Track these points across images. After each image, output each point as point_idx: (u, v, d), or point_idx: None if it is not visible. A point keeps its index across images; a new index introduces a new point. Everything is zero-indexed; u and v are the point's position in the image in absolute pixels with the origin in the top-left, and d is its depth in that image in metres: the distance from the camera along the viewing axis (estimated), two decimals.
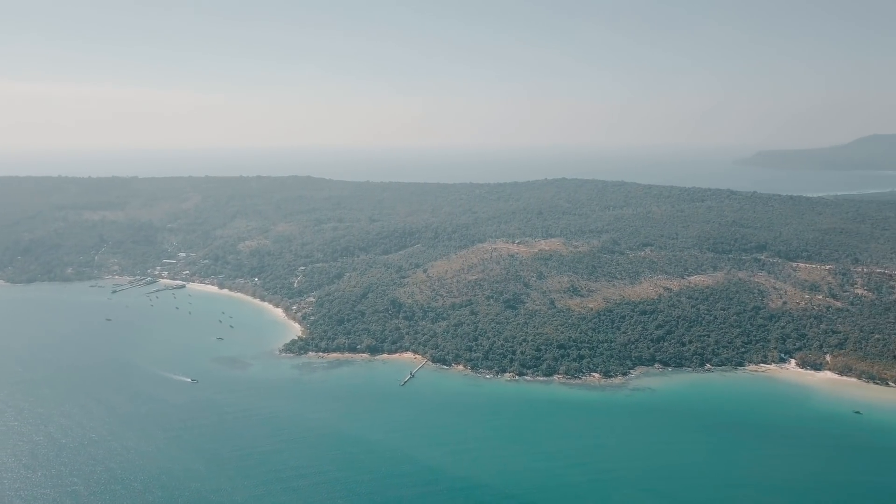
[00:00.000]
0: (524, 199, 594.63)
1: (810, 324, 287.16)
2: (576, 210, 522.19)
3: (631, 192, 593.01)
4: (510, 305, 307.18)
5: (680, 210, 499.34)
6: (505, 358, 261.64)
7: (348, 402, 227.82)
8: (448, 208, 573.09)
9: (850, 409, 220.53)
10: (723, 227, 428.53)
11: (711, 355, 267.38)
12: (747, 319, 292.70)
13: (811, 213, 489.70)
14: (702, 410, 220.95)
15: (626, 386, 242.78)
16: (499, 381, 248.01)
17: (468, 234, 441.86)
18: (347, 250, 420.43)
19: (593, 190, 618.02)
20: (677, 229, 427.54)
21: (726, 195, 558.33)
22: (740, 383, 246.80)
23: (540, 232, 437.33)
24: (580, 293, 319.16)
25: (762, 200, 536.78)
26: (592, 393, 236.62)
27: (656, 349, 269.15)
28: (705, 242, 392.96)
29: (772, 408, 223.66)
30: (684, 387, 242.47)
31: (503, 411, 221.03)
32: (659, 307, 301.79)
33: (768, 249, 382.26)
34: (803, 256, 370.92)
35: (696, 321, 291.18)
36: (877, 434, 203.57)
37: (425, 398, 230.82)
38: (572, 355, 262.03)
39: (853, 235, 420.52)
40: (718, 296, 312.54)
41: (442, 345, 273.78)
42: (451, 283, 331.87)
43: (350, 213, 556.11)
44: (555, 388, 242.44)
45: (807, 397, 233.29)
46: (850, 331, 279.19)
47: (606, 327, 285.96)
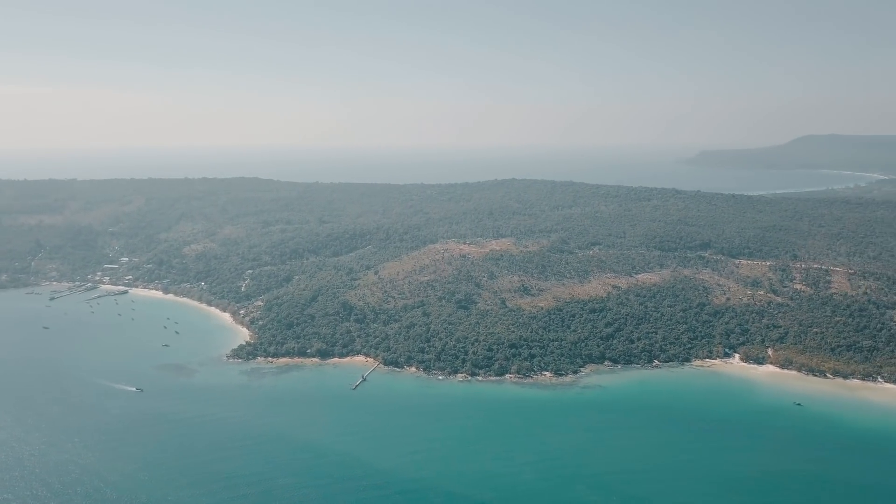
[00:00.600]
0: (475, 200, 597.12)
1: (753, 319, 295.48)
2: (526, 210, 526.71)
3: (579, 192, 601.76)
4: (462, 306, 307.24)
5: (627, 209, 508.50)
6: (457, 359, 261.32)
7: (298, 407, 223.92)
8: (399, 209, 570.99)
9: (792, 401, 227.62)
10: (668, 226, 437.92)
11: (659, 352, 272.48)
12: (693, 316, 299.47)
13: (752, 212, 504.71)
14: (651, 406, 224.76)
15: (577, 384, 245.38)
16: (451, 383, 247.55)
17: (420, 234, 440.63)
18: (296, 253, 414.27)
19: (543, 190, 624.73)
20: (625, 228, 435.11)
21: (671, 194, 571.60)
22: (687, 379, 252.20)
23: (491, 232, 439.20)
24: (531, 292, 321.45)
25: (706, 199, 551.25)
26: (544, 392, 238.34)
27: (606, 347, 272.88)
28: (652, 241, 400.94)
29: (718, 402, 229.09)
30: (633, 384, 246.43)
31: (456, 413, 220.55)
32: (608, 305, 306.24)
33: (712, 247, 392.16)
34: (745, 253, 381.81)
35: (645, 318, 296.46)
36: (816, 425, 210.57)
37: (377, 401, 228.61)
38: (524, 354, 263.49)
39: (791, 232, 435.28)
40: (665, 293, 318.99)
41: (394, 347, 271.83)
42: (402, 285, 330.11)
43: (299, 214, 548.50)
44: (507, 387, 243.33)
45: (750, 391, 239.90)
46: (790, 325, 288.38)
47: (557, 326, 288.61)
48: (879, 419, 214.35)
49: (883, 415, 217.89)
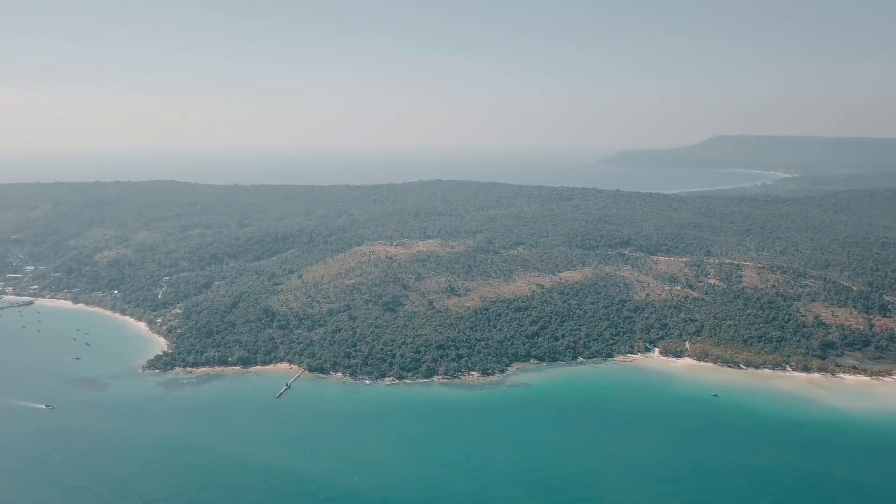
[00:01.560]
0: (401, 201, 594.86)
1: (671, 313, 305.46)
2: (451, 211, 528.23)
3: (503, 192, 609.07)
4: (389, 308, 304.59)
5: (549, 209, 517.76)
6: (384, 362, 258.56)
7: (219, 418, 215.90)
8: (323, 211, 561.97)
9: (709, 392, 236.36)
10: (589, 225, 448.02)
11: (583, 348, 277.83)
12: (615, 312, 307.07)
13: (668, 210, 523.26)
14: (576, 402, 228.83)
15: (504, 383, 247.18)
16: (378, 387, 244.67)
17: (344, 237, 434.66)
18: (216, 258, 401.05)
19: (468, 191, 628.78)
20: (548, 227, 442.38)
21: (592, 193, 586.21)
22: (610, 374, 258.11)
23: (417, 233, 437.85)
24: (458, 293, 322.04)
25: (625, 198, 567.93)
26: (471, 392, 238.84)
27: (531, 345, 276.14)
28: (574, 239, 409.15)
29: (640, 395, 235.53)
30: (559, 380, 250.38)
31: (383, 417, 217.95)
32: (532, 304, 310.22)
33: (631, 244, 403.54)
34: (662, 250, 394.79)
35: (568, 316, 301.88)
36: (732, 414, 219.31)
37: (302, 409, 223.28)
38: (451, 355, 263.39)
39: (705, 229, 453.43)
40: (588, 290, 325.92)
41: (319, 353, 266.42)
42: (327, 289, 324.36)
43: (218, 218, 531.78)
44: (435, 389, 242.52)
45: (669, 383, 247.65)
46: (706, 319, 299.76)
47: (483, 325, 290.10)
48: (788, 406, 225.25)
49: (792, 401, 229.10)
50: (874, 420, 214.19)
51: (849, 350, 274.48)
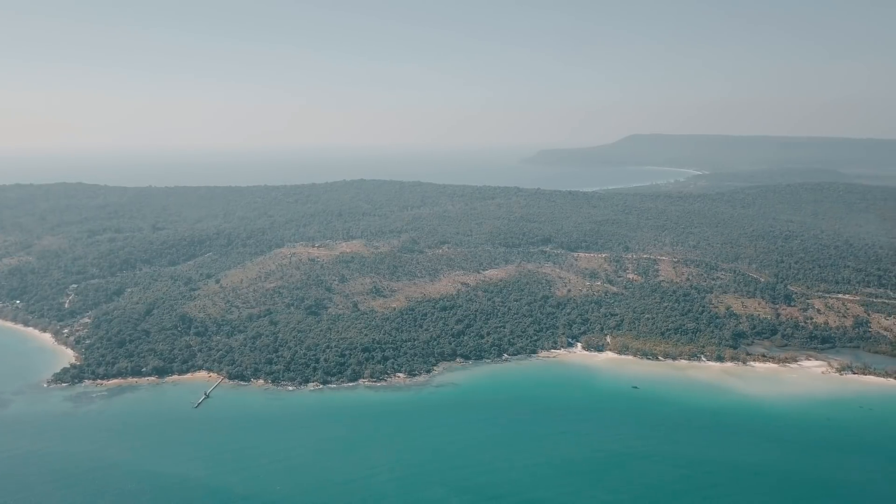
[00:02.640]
0: (323, 201, 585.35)
1: (592, 308, 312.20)
2: (375, 211, 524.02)
3: (427, 191, 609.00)
4: (312, 312, 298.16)
5: (473, 208, 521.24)
6: (308, 367, 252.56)
7: (133, 432, 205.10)
8: (241, 213, 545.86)
9: (629, 384, 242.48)
10: (512, 223, 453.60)
11: (508, 345, 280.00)
12: (538, 308, 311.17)
13: (587, 207, 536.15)
14: (502, 400, 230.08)
15: (431, 383, 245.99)
16: (302, 393, 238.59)
17: (264, 239, 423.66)
18: (128, 263, 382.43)
19: (392, 190, 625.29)
20: (471, 226, 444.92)
21: (514, 192, 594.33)
22: (535, 370, 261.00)
23: (340, 234, 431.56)
24: (383, 294, 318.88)
25: (545, 196, 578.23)
26: (398, 394, 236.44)
27: (457, 344, 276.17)
28: (497, 238, 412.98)
29: (563, 390, 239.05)
30: (484, 378, 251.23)
31: (307, 423, 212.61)
32: (458, 302, 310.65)
33: (553, 242, 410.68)
34: (583, 247, 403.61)
35: (493, 313, 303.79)
36: (652, 405, 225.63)
37: (222, 419, 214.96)
38: (377, 357, 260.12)
39: (623, 225, 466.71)
40: (511, 288, 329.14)
41: (239, 360, 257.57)
42: (247, 293, 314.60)
43: (130, 221, 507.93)
44: (361, 392, 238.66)
45: (592, 377, 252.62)
46: (625, 313, 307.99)
47: (409, 326, 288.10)
48: (704, 395, 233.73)
49: (707, 390, 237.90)
50: (782, 405, 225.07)
51: (758, 339, 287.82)
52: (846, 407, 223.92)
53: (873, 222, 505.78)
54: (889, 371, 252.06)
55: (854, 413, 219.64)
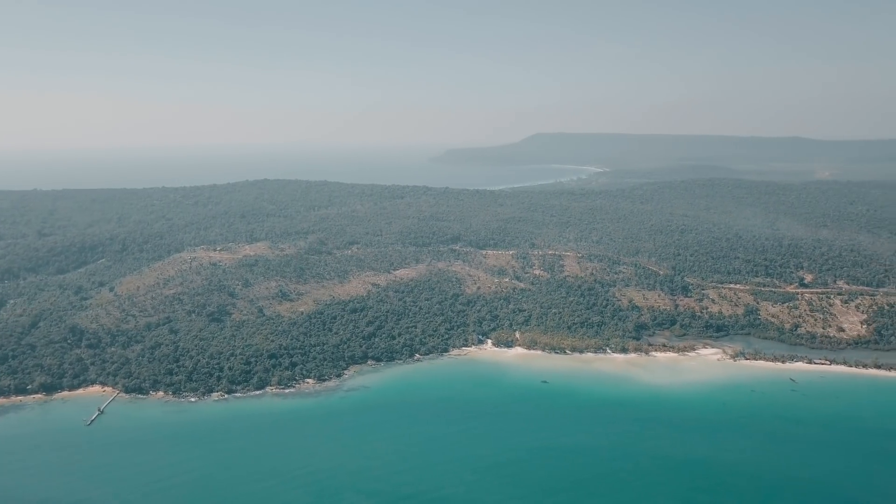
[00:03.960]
0: (225, 203, 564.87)
1: (501, 305, 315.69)
2: (280, 212, 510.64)
3: (335, 191, 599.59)
4: (215, 318, 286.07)
5: (382, 207, 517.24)
6: (211, 377, 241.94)
7: (16, 454, 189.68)
8: (137, 216, 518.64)
9: (539, 379, 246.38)
10: (422, 222, 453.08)
11: (420, 345, 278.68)
12: (448, 307, 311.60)
13: (495, 205, 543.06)
14: (414, 401, 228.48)
15: (341, 388, 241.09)
16: (205, 403, 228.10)
17: (163, 243, 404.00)
18: (10, 272, 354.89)
19: (297, 190, 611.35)
20: (381, 226, 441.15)
21: (423, 191, 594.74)
22: (446, 369, 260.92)
23: (244, 236, 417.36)
24: (290, 297, 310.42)
25: (454, 195, 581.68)
26: (307, 400, 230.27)
27: (368, 346, 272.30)
28: (407, 237, 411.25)
29: (475, 388, 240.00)
30: (397, 380, 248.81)
31: (211, 435, 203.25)
32: (368, 304, 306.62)
33: (462, 240, 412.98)
34: (491, 244, 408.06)
35: (404, 314, 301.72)
36: (561, 399, 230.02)
37: (118, 435, 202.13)
38: (284, 363, 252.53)
39: (529, 223, 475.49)
40: (422, 287, 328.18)
41: (136, 372, 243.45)
42: (144, 301, 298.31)
43: (12, 227, 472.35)
44: (268, 400, 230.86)
45: (503, 374, 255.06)
46: (533, 308, 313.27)
47: (318, 330, 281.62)
48: (610, 386, 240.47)
49: (613, 382, 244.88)
50: (682, 392, 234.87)
51: (659, 329, 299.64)
52: (739, 391, 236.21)
53: (759, 215, 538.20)
54: (777, 356, 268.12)
55: (746, 396, 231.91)
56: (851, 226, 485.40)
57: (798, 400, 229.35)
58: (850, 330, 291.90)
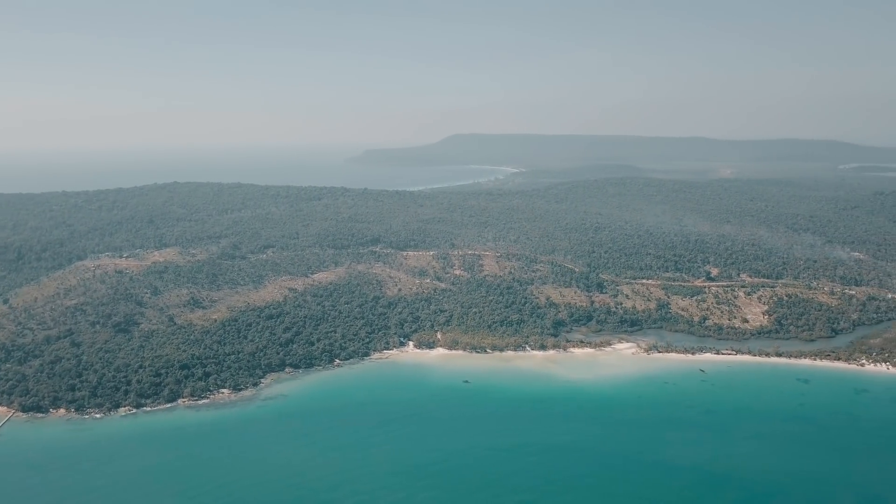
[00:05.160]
0: (131, 207, 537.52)
1: (422, 306, 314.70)
2: (191, 216, 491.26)
3: (249, 193, 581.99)
4: (122, 329, 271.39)
5: (299, 209, 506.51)
6: (118, 391, 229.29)
7: None
8: (34, 222, 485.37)
9: (461, 379, 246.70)
10: (340, 224, 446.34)
11: (340, 350, 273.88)
12: (369, 310, 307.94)
13: (414, 206, 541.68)
14: (334, 407, 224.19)
15: (258, 397, 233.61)
16: (112, 419, 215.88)
17: (63, 251, 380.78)
18: None
19: (209, 193, 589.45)
20: (298, 228, 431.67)
21: (341, 193, 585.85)
22: (367, 373, 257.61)
23: (152, 242, 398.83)
24: (202, 305, 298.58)
25: (373, 196, 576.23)
26: (222, 411, 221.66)
27: (286, 353, 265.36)
28: (325, 239, 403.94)
29: (397, 391, 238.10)
30: (316, 386, 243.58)
31: (117, 453, 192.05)
32: (285, 309, 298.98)
33: (382, 241, 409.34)
34: (411, 245, 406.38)
35: (323, 318, 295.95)
36: (483, 398, 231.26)
37: (13, 459, 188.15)
38: (198, 374, 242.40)
39: (448, 223, 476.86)
40: (342, 290, 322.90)
41: (35, 389, 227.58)
42: (43, 313, 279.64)
43: None
44: (180, 413, 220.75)
45: (425, 375, 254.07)
46: (454, 308, 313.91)
47: (233, 338, 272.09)
48: (530, 384, 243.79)
49: (533, 379, 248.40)
50: (599, 387, 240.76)
51: (576, 326, 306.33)
52: (653, 383, 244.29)
53: (668, 213, 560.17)
54: (687, 348, 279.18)
55: (660, 388, 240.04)
56: (752, 221, 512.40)
57: (708, 390, 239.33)
58: (754, 321, 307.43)
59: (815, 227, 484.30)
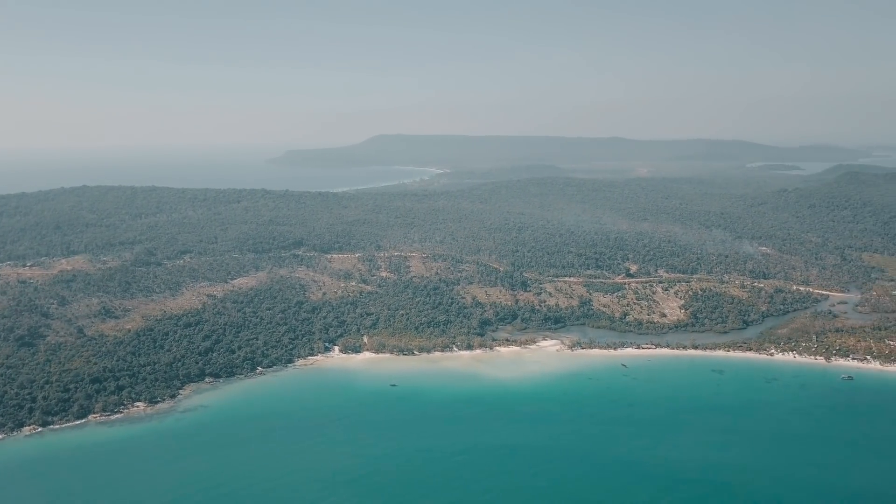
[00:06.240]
0: (35, 213, 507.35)
1: (348, 310, 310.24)
2: (102, 221, 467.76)
3: (164, 197, 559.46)
4: (25, 343, 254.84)
5: (217, 213, 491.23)
6: (22, 409, 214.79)
7: None
8: None
9: (388, 383, 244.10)
10: (261, 227, 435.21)
11: (262, 357, 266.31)
12: (293, 315, 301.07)
13: (338, 208, 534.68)
14: (257, 416, 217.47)
15: (176, 409, 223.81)
16: (15, 440, 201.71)
17: None
18: None
19: (121, 197, 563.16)
20: (216, 233, 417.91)
21: (261, 195, 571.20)
22: (291, 380, 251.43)
23: (59, 250, 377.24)
24: (115, 315, 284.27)
25: (295, 198, 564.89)
26: (137, 426, 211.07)
27: (205, 362, 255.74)
28: (245, 243, 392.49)
29: (322, 398, 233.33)
30: (237, 396, 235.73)
31: (20, 477, 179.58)
32: (204, 317, 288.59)
33: (305, 244, 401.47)
34: (336, 248, 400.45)
35: (244, 325, 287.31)
36: (410, 401, 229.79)
37: None
38: (110, 388, 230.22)
39: (374, 225, 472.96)
40: (263, 296, 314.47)
41: None
42: None
43: None
44: (91, 430, 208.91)
45: (351, 380, 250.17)
46: (380, 311, 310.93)
47: (148, 349, 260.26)
48: (458, 384, 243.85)
49: (461, 380, 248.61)
50: (525, 385, 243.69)
51: (502, 324, 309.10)
52: (577, 379, 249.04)
53: (588, 211, 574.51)
54: (609, 343, 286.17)
55: (584, 384, 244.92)
56: (667, 219, 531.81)
57: (630, 384, 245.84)
58: (671, 315, 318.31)
59: (725, 223, 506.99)
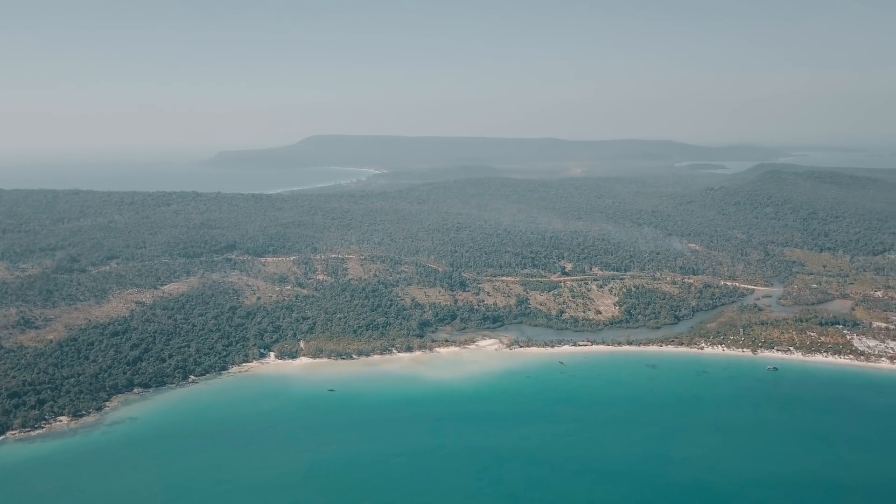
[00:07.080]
0: None
1: (283, 315, 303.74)
2: (20, 226, 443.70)
3: (88, 200, 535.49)
4: None
5: (146, 216, 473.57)
6: None
7: None
8: None
9: (325, 388, 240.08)
10: (191, 231, 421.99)
11: (194, 365, 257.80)
12: (226, 321, 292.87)
13: (272, 210, 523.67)
14: (189, 426, 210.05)
15: (103, 422, 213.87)
16: None
17: None
18: None
19: (41, 201, 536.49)
20: (145, 237, 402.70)
21: (192, 197, 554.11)
22: (225, 388, 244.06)
23: None
24: (35, 325, 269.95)
25: (227, 200, 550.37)
26: (61, 441, 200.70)
27: (133, 372, 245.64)
28: (175, 248, 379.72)
29: (257, 405, 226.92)
30: (169, 406, 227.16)
31: None
32: (132, 325, 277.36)
33: (238, 248, 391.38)
34: (270, 251, 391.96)
35: (175, 333, 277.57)
36: (348, 406, 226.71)
37: None
38: (30, 402, 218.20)
39: (310, 227, 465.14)
40: (195, 302, 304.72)
41: None
42: None
43: None
44: (9, 447, 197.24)
45: (287, 387, 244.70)
46: (317, 315, 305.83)
47: (72, 360, 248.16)
48: (398, 387, 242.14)
49: (400, 382, 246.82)
50: (464, 385, 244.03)
51: (441, 325, 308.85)
52: (516, 378, 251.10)
53: (524, 211, 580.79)
54: (547, 341, 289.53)
55: (523, 382, 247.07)
56: (601, 217, 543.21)
57: (567, 381, 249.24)
58: (606, 312, 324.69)
59: (656, 221, 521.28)
